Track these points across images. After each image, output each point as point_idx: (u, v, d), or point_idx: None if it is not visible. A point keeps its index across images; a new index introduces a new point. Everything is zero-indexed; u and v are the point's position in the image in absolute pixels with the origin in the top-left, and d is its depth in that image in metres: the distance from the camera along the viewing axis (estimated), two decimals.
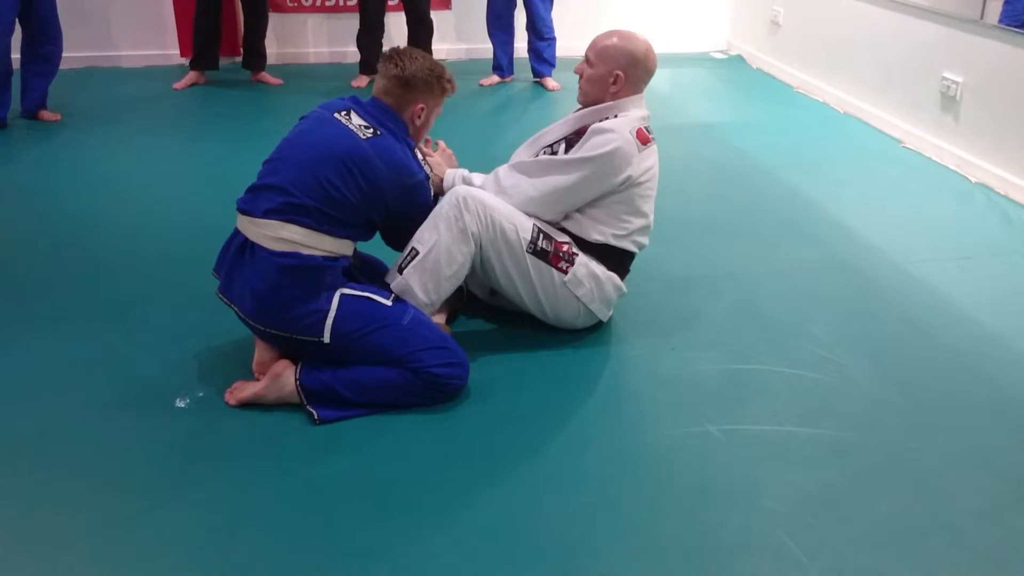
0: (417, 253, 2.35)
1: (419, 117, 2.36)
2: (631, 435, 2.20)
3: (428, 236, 2.34)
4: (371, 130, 2.26)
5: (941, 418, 2.28)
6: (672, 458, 2.11)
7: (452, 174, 2.60)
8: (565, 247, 2.43)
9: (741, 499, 1.97)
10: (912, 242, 3.33)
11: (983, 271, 3.11)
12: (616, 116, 2.49)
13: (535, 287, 2.43)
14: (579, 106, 2.59)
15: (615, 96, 2.50)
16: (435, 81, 2.35)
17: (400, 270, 2.38)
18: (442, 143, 2.73)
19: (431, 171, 2.45)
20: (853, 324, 2.73)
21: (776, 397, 2.35)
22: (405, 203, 2.33)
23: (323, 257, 2.21)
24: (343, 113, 2.30)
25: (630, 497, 1.98)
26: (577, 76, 2.55)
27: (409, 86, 2.32)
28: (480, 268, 2.42)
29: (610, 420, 2.27)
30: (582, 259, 2.45)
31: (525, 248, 2.37)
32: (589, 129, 2.44)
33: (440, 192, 2.55)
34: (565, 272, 2.43)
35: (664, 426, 2.22)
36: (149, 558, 1.78)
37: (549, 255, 2.41)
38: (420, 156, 2.37)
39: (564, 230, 2.48)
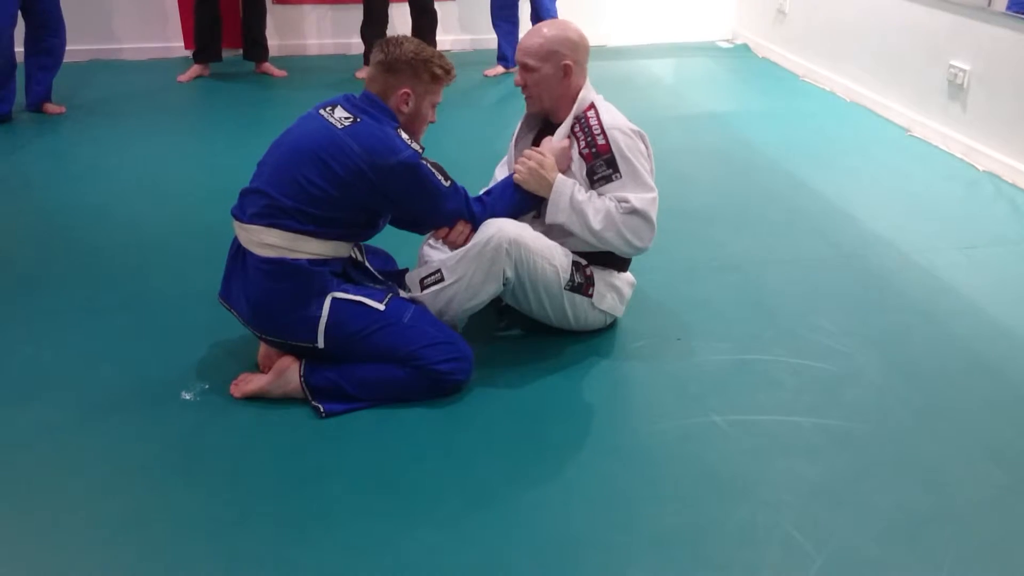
0: (442, 279, 2.31)
1: (405, 104, 2.22)
2: (636, 426, 2.20)
3: (459, 267, 2.29)
4: (351, 119, 2.18)
5: (948, 408, 2.27)
6: (677, 449, 2.11)
7: (563, 189, 2.31)
8: (588, 271, 2.43)
9: (747, 490, 1.97)
10: (919, 231, 3.32)
11: (990, 260, 3.10)
12: (592, 107, 2.41)
13: (568, 314, 2.45)
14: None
15: (568, 88, 2.41)
16: (421, 65, 2.21)
17: (422, 285, 2.35)
18: (549, 140, 2.43)
19: (421, 148, 2.23)
20: (859, 314, 2.72)
21: (782, 387, 2.35)
22: (402, 190, 2.18)
23: (309, 261, 2.17)
24: (328, 108, 2.23)
25: (635, 488, 1.97)
26: (519, 87, 2.44)
27: (392, 71, 2.21)
28: (512, 299, 2.41)
29: (615, 411, 2.26)
30: (597, 274, 2.45)
31: (563, 286, 2.37)
32: (611, 143, 2.34)
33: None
34: (592, 296, 2.44)
35: (669, 417, 2.22)
36: (156, 550, 1.78)
37: (583, 287, 2.41)
38: (406, 136, 2.20)
39: (575, 251, 2.43)
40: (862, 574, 1.74)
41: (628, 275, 2.56)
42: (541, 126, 2.56)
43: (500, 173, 2.71)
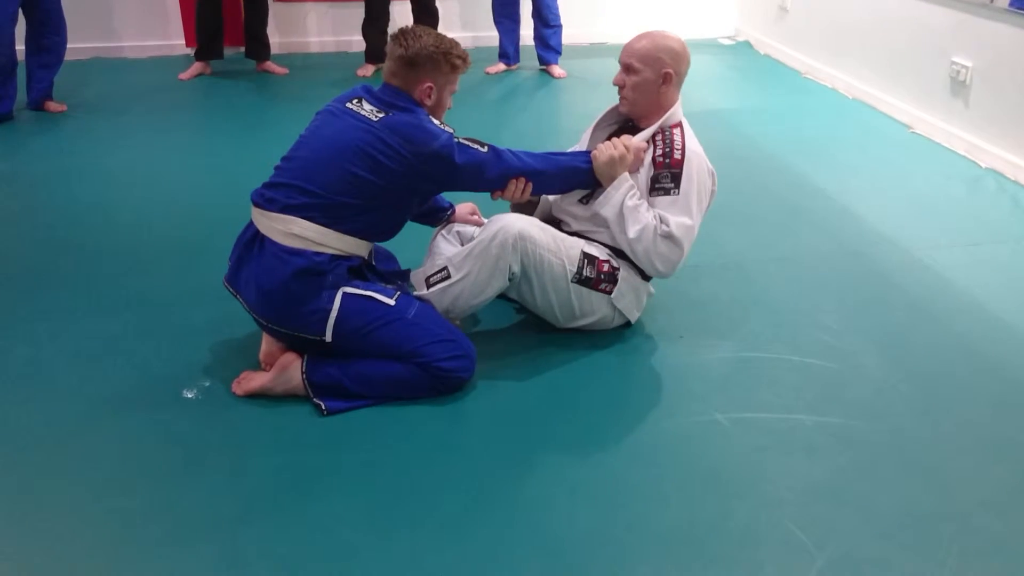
0: (448, 276, 2.34)
1: (428, 97, 2.28)
2: (639, 424, 2.19)
3: (464, 263, 2.32)
4: (382, 113, 2.22)
5: (950, 406, 2.27)
6: (680, 447, 2.11)
7: (620, 188, 2.39)
8: (607, 267, 2.43)
9: (749, 488, 1.97)
10: (921, 228, 3.31)
11: (993, 257, 3.09)
12: (679, 126, 2.48)
13: (574, 308, 2.45)
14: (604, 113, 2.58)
15: (664, 96, 2.46)
16: (441, 58, 2.26)
17: (428, 283, 2.37)
18: (630, 137, 2.46)
19: (451, 130, 2.28)
20: (862, 312, 2.72)
21: (784, 385, 2.34)
22: (446, 171, 2.23)
23: (331, 257, 2.19)
24: (355, 101, 2.27)
25: (637, 486, 1.97)
26: (617, 87, 2.48)
27: (414, 65, 2.25)
28: (517, 294, 2.42)
29: (618, 409, 2.26)
30: (622, 272, 2.45)
31: (571, 279, 2.38)
32: (685, 161, 2.40)
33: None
34: (609, 292, 2.44)
35: (672, 415, 2.22)
36: (157, 548, 1.79)
37: (592, 281, 2.41)
38: (436, 121, 2.27)
39: (605, 244, 2.47)
40: (864, 572, 1.74)
41: (648, 286, 2.58)
42: (621, 124, 2.59)
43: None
